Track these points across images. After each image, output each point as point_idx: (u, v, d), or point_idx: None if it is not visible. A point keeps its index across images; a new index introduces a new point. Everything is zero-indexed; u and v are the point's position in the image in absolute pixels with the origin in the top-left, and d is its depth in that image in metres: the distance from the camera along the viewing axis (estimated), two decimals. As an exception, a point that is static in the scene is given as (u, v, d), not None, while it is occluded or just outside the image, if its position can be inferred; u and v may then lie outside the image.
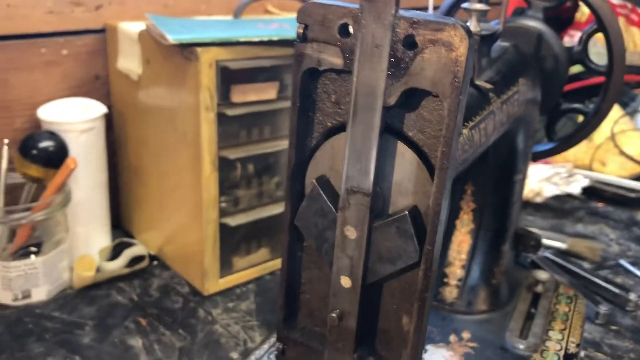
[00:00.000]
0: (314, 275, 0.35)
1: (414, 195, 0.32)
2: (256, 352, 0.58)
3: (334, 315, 0.33)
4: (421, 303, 0.31)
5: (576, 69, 0.68)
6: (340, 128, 0.33)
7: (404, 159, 0.31)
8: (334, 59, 0.31)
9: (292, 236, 0.34)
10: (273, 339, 0.59)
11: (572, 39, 1.28)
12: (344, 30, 0.30)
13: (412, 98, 0.30)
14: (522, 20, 0.64)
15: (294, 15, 0.88)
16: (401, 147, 0.31)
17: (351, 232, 0.32)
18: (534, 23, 0.64)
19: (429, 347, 0.58)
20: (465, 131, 0.40)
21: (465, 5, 0.46)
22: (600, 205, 1.02)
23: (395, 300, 0.32)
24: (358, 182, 0.31)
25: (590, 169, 1.07)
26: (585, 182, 1.01)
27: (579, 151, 1.07)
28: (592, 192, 1.04)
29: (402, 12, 0.28)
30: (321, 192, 0.33)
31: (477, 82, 0.45)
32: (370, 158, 0.30)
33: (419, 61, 0.28)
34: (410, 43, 0.28)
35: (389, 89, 0.29)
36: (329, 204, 0.33)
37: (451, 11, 0.65)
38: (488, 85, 0.45)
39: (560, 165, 1.03)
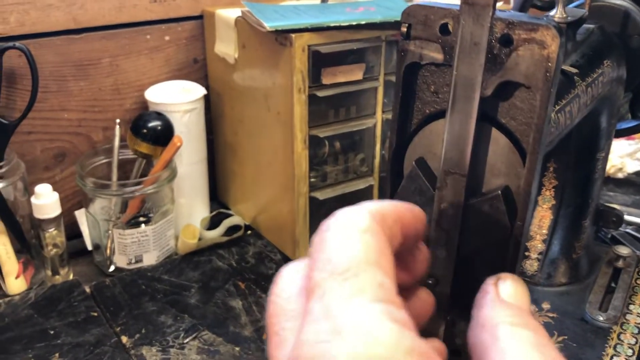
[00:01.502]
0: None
1: (506, 176, 0.35)
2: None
3: (430, 281, 0.37)
4: (511, 273, 0.35)
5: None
6: (438, 115, 0.36)
7: (498, 143, 0.35)
8: (435, 54, 0.34)
9: None
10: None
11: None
12: (444, 29, 0.34)
13: (506, 89, 0.34)
14: (608, -1, 0.65)
15: (377, -4, 0.91)
16: (495, 133, 0.35)
17: (448, 209, 0.36)
18: (619, 1, 0.65)
19: (510, 315, 0.61)
20: (552, 115, 0.43)
21: (553, -7, 0.48)
22: (685, 181, 1.01)
23: (487, 270, 0.36)
24: (455, 164, 0.35)
25: (676, 144, 1.05)
26: (671, 158, 1.00)
27: (665, 126, 1.05)
28: (678, 167, 1.02)
29: (498, 13, 0.32)
30: (419, 172, 0.37)
31: (563, 67, 0.47)
32: (467, 143, 0.34)
33: (514, 57, 0.31)
34: (506, 41, 0.31)
35: (485, 81, 0.32)
36: (427, 184, 0.37)
37: (525, 3, 0.67)
38: (573, 70, 0.47)
39: (644, 141, 1.02)
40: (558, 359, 0.22)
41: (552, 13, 0.49)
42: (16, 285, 0.72)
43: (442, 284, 0.37)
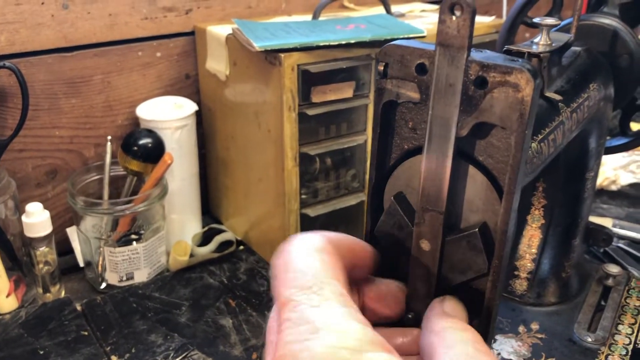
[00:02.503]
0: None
1: (484, 212, 0.35)
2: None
3: (409, 316, 0.37)
4: (489, 311, 0.35)
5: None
6: (417, 151, 0.36)
7: (475, 180, 0.35)
8: (411, 93, 0.34)
9: (371, 244, 0.38)
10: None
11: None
12: (420, 68, 0.34)
13: (483, 128, 0.34)
14: (596, 18, 0.65)
15: (369, 11, 0.91)
16: (472, 170, 0.35)
17: (426, 245, 0.36)
18: (608, 21, 0.65)
19: (498, 337, 0.62)
20: (534, 144, 0.43)
21: (536, 20, 0.48)
22: (679, 193, 1.01)
23: (465, 305, 0.36)
24: (433, 201, 0.35)
25: (670, 155, 1.05)
26: (664, 171, 1.00)
27: (659, 138, 1.05)
28: (672, 179, 1.02)
29: (474, 55, 0.32)
30: (398, 208, 0.37)
31: (547, 94, 0.47)
32: (444, 181, 0.34)
33: (488, 99, 0.31)
34: (480, 83, 0.31)
35: (461, 122, 0.33)
36: (406, 219, 0.37)
37: (516, 20, 0.67)
38: (558, 97, 0.47)
39: (637, 153, 1.02)
40: (489, 354, 0.29)
41: (536, 39, 0.49)
42: (7, 303, 0.72)
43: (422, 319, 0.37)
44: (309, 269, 0.28)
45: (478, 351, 0.28)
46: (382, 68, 0.35)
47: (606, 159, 1.02)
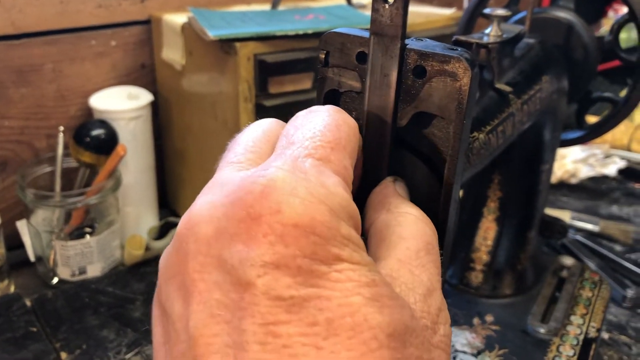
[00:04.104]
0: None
1: (428, 202, 0.35)
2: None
3: None
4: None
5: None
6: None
7: (420, 170, 0.34)
8: (352, 82, 0.34)
9: None
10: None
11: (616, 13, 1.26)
12: (361, 57, 0.33)
13: (424, 118, 0.33)
14: (552, 11, 0.65)
15: (329, 1, 0.90)
16: (413, 160, 0.34)
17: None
18: (564, 14, 0.65)
19: (452, 328, 0.61)
20: (481, 136, 0.43)
21: (487, 11, 0.47)
22: (637, 186, 1.02)
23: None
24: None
25: (628, 149, 1.07)
26: (622, 164, 1.01)
27: (618, 131, 1.07)
28: (630, 172, 1.04)
29: (412, 43, 0.31)
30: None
31: (497, 85, 0.47)
32: (383, 172, 0.33)
33: (427, 88, 0.31)
34: (419, 72, 0.31)
35: (400, 111, 0.32)
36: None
37: (475, 12, 0.66)
38: (508, 88, 0.47)
39: (596, 147, 1.04)
40: (437, 264, 0.28)
41: (487, 30, 0.48)
42: (-47, 299, 0.70)
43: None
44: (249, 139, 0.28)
45: (430, 255, 0.27)
46: (323, 56, 0.34)
47: (566, 152, 1.03)
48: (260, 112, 0.71)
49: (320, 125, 0.27)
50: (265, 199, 0.22)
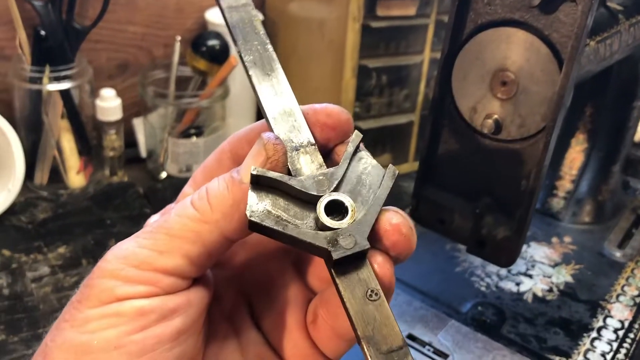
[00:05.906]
0: (451, 146, 0.44)
1: (544, 83, 0.39)
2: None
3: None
4: (538, 170, 0.39)
5: None
6: (489, 25, 0.40)
7: (539, 52, 0.39)
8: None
9: (437, 113, 0.43)
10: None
11: None
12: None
13: (553, 3, 0.37)
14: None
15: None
16: (537, 43, 0.39)
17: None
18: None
19: (532, 243, 0.66)
20: (592, 43, 0.47)
21: None
22: None
23: (517, 166, 0.40)
24: (499, 68, 0.38)
25: None
26: None
27: None
28: None
29: None
30: None
31: (608, 4, 0.50)
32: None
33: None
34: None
35: (534, -8, 0.36)
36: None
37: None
38: (618, 7, 0.50)
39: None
40: None
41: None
42: (77, 179, 0.79)
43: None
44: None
45: None
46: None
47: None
48: (366, 34, 0.76)
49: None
50: None
